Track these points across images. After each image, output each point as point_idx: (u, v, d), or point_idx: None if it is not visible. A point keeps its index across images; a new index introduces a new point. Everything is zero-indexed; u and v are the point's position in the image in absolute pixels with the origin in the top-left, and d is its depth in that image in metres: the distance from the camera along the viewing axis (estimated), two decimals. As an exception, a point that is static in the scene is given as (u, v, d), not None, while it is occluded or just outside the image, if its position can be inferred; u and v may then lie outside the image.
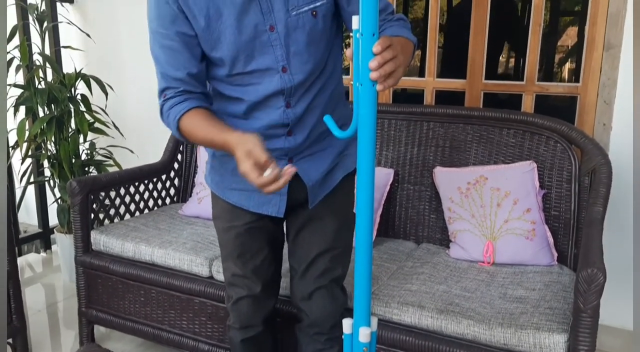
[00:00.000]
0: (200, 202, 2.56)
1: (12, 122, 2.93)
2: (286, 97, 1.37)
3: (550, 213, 2.10)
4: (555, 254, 2.03)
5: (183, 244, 2.21)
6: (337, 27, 1.42)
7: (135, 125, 3.25)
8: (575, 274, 1.76)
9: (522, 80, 2.42)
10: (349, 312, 1.36)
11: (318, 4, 1.31)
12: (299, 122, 1.41)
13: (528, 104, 2.41)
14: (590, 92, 2.26)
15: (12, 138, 2.93)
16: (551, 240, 2.04)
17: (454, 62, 2.77)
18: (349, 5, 1.34)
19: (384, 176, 2.29)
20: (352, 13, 1.33)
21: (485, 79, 2.49)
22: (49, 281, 3.12)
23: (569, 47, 2.85)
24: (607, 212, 1.86)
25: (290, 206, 1.51)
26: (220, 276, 2.06)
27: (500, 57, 2.77)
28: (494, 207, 2.07)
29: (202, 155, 2.67)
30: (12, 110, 2.90)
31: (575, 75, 2.38)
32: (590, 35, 2.24)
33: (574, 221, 2.06)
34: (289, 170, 1.14)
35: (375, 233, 2.25)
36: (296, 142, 1.43)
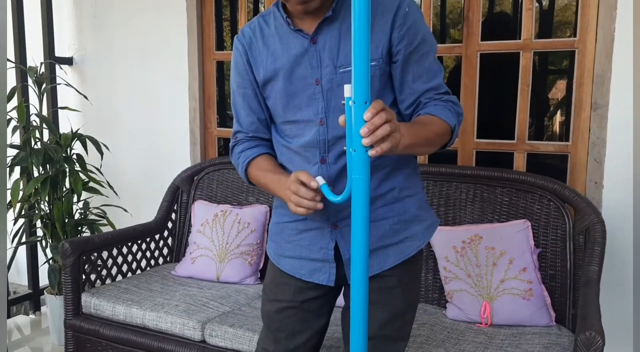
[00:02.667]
0: (194, 261, 2.53)
1: (7, 182, 2.93)
2: (321, 152, 1.35)
3: (546, 272, 2.09)
4: (553, 314, 2.01)
5: (175, 307, 2.17)
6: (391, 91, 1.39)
7: (129, 184, 3.25)
8: (574, 335, 1.73)
9: (513, 138, 2.46)
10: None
11: None
12: (336, 183, 1.35)
13: (520, 162, 2.44)
14: (581, 151, 2.29)
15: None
16: (548, 300, 2.02)
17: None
18: (404, 76, 1.33)
19: (379, 235, 2.28)
20: (402, 82, 1.34)
21: (477, 137, 2.52)
22: (36, 345, 3.04)
23: (559, 100, 2.90)
24: (602, 269, 1.84)
25: (341, 276, 1.42)
26: (212, 340, 2.02)
27: (491, 116, 2.82)
28: (489, 267, 2.05)
29: (197, 215, 2.66)
30: (7, 170, 2.90)
31: (565, 128, 2.42)
32: (578, 96, 2.29)
33: (570, 280, 2.05)
34: (319, 205, 1.22)
35: (370, 293, 2.22)
36: (335, 205, 1.32)
